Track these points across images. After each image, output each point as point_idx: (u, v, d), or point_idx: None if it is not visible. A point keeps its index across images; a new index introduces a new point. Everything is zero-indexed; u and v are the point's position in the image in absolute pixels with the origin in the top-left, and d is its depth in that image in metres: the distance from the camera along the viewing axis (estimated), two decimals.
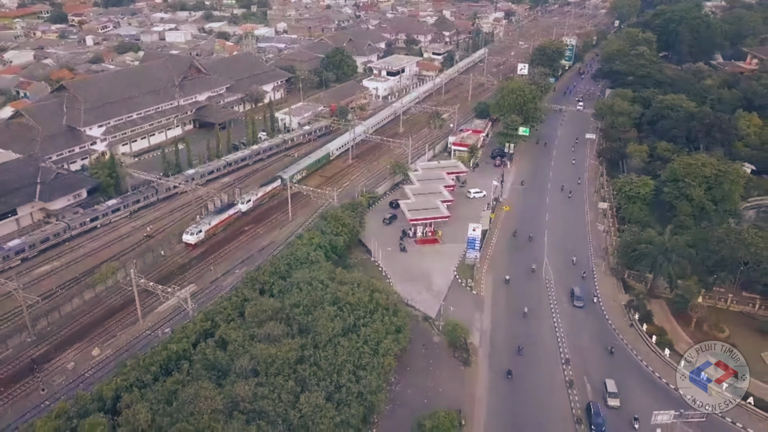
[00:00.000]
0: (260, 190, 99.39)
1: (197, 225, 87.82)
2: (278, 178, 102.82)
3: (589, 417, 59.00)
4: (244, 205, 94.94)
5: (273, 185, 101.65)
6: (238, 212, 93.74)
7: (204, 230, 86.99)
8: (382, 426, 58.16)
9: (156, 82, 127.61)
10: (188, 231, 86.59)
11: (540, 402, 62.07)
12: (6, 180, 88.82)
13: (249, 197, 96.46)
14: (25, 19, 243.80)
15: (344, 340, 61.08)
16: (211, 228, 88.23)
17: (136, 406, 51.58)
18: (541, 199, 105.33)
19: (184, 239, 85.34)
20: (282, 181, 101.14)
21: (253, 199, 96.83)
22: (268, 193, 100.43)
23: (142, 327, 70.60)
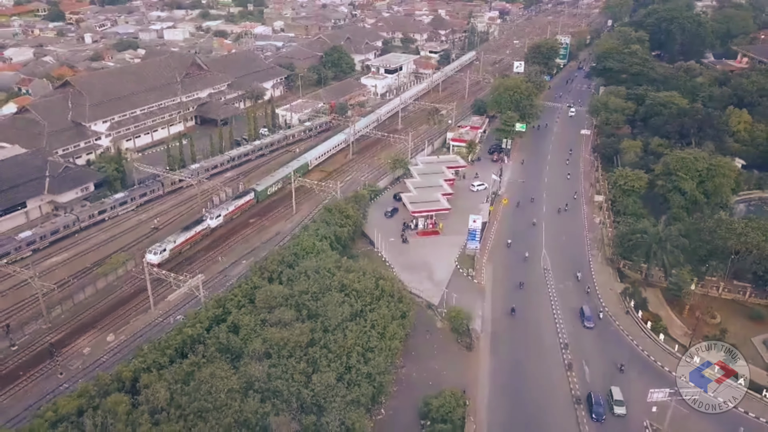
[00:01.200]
0: (232, 205, 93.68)
1: (161, 244, 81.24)
2: (251, 191, 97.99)
3: (589, 406, 60.97)
4: (214, 220, 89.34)
5: (245, 199, 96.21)
6: (206, 229, 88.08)
7: (169, 249, 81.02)
8: (390, 406, 60.49)
9: (158, 78, 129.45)
10: (151, 250, 79.95)
11: (540, 384, 64.58)
12: (15, 173, 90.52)
13: (219, 212, 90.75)
14: (23, 17, 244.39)
15: (352, 325, 63.36)
16: (177, 246, 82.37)
17: (155, 386, 53.63)
18: (538, 193, 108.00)
19: (147, 259, 77.37)
20: (255, 195, 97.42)
21: (224, 214, 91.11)
22: (240, 208, 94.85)
23: (154, 314, 72.69)
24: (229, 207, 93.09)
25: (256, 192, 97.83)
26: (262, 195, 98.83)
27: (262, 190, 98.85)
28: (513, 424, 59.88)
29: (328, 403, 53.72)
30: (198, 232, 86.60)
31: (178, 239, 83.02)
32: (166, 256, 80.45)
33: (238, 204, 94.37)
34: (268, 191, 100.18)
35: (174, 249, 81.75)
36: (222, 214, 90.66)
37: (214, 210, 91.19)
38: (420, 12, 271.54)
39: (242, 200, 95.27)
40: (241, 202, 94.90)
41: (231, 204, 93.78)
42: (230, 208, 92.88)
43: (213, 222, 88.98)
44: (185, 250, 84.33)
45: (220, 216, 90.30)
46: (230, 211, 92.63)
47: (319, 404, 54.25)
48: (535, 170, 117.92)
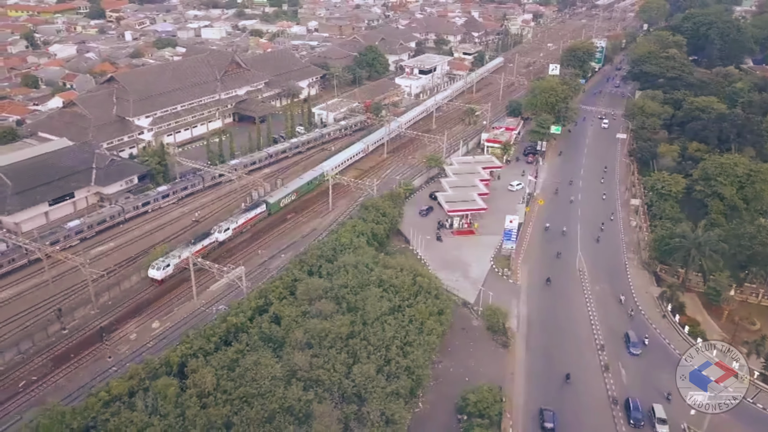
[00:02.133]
0: (241, 217, 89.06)
1: (165, 258, 77.46)
2: (262, 203, 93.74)
3: (627, 412, 60.99)
4: (222, 234, 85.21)
5: (256, 212, 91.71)
6: (214, 242, 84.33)
7: (173, 264, 77.20)
8: (427, 399, 61.54)
9: (199, 76, 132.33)
10: (155, 265, 76.30)
11: (576, 383, 64.91)
12: (66, 165, 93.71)
13: (228, 225, 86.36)
14: (65, 14, 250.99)
15: (390, 319, 64.58)
16: (182, 261, 77.38)
17: (202, 371, 55.53)
18: (573, 194, 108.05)
19: (149, 274, 76.25)
20: (267, 207, 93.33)
21: (233, 227, 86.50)
22: (251, 221, 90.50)
23: (196, 304, 74.80)
24: (239, 220, 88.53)
25: (268, 204, 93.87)
26: (274, 207, 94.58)
27: (275, 203, 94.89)
28: None
29: (369, 394, 54.95)
30: (204, 247, 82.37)
31: (183, 254, 78.30)
32: (170, 271, 77.08)
33: (248, 217, 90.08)
34: (281, 203, 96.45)
35: (179, 264, 77.98)
36: (231, 228, 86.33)
37: (223, 223, 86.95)
38: (453, 14, 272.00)
39: (253, 213, 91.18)
40: (251, 215, 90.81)
41: (241, 217, 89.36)
42: (240, 221, 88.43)
43: (221, 236, 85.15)
44: None
45: (229, 230, 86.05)
46: (239, 224, 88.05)
47: (359, 394, 55.55)
48: (570, 173, 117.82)
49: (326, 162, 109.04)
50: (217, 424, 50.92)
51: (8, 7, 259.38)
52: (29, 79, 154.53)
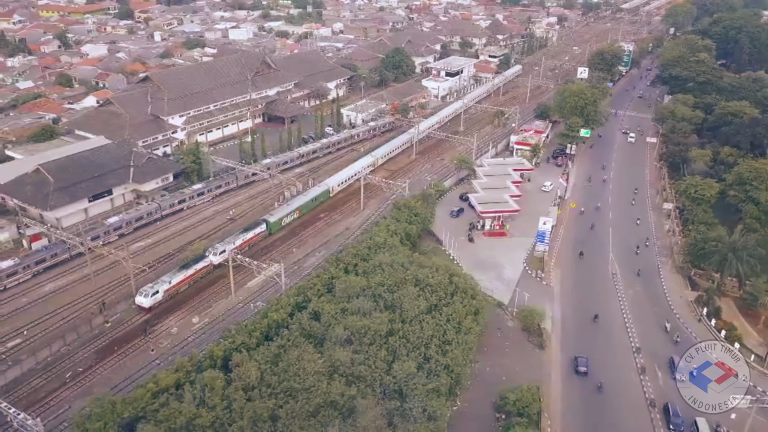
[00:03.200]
0: (239, 238, 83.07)
1: (153, 285, 72.35)
2: (262, 222, 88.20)
3: (667, 417, 60.85)
4: (217, 257, 79.03)
5: (255, 231, 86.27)
6: (208, 266, 79.03)
7: (162, 290, 72.24)
8: (465, 398, 62.12)
9: (231, 76, 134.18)
10: (142, 291, 71.60)
11: (613, 385, 64.98)
12: (104, 162, 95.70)
13: (224, 247, 79.32)
14: (95, 15, 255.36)
15: (428, 318, 65.24)
16: (172, 287, 73.51)
17: (247, 365, 56.59)
18: (603, 197, 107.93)
19: (137, 302, 71.70)
20: (267, 226, 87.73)
21: (230, 249, 78.27)
22: (249, 241, 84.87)
23: (234, 300, 76.10)
24: (236, 241, 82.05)
25: (269, 223, 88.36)
26: (274, 227, 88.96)
27: (275, 222, 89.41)
28: (587, 422, 60.64)
29: (410, 391, 55.63)
30: (198, 270, 77.45)
31: (174, 279, 73.90)
32: (159, 298, 71.95)
33: (246, 238, 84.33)
34: (283, 222, 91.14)
35: (169, 290, 73.07)
36: (228, 250, 78.45)
37: (219, 245, 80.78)
38: (477, 16, 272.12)
39: (251, 233, 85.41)
40: (249, 236, 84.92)
41: (238, 237, 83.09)
42: (237, 242, 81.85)
43: (216, 258, 79.09)
44: (183, 290, 75.99)
45: (225, 252, 78.34)
46: (236, 246, 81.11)
47: (400, 391, 56.26)
48: (599, 176, 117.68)
49: (331, 178, 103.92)
50: (263, 417, 51.82)
51: (39, 8, 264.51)
52: (63, 78, 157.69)
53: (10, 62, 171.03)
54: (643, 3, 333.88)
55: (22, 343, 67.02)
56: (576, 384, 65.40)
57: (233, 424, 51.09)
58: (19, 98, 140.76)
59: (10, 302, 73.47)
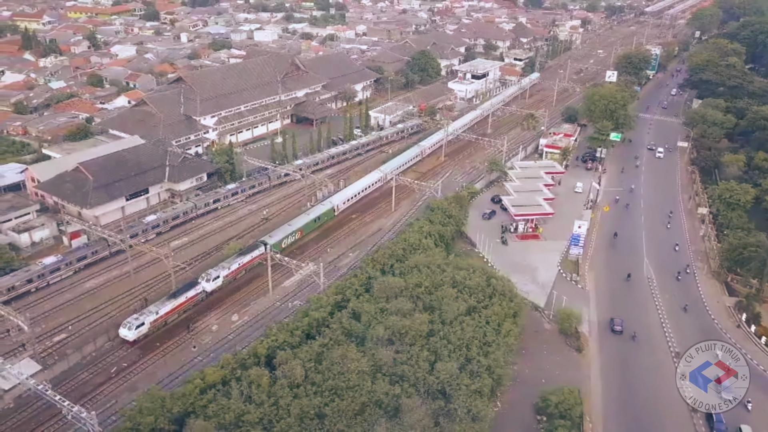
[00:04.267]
0: (234, 263, 77.17)
1: (139, 316, 66.89)
2: (261, 244, 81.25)
3: (710, 423, 60.48)
4: (210, 283, 73.89)
5: (253, 254, 79.62)
6: (200, 293, 73.35)
7: (149, 322, 66.88)
8: (505, 399, 62.23)
9: (261, 77, 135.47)
10: (126, 323, 65.92)
11: (653, 390, 64.68)
12: (141, 161, 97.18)
13: (218, 273, 74.82)
14: (122, 16, 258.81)
15: (468, 319, 65.50)
16: (160, 317, 68.23)
17: (291, 363, 57.27)
18: (635, 201, 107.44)
19: (120, 335, 66.29)
20: (266, 248, 79.95)
21: (224, 275, 75.22)
22: (246, 265, 79.03)
23: (272, 299, 76.87)
24: (232, 265, 76.77)
25: (267, 246, 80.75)
26: (274, 248, 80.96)
27: (275, 244, 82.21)
28: (628, 426, 60.47)
29: (454, 391, 55.92)
30: (189, 299, 71.77)
31: (162, 309, 68.57)
32: (145, 330, 66.59)
33: (243, 261, 78.34)
34: (283, 244, 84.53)
35: (156, 321, 67.97)
36: (221, 275, 74.92)
37: (212, 270, 75.11)
38: (500, 19, 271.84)
39: (248, 256, 79.27)
40: (246, 259, 78.90)
41: (234, 262, 77.42)
42: (232, 267, 76.79)
43: (210, 285, 73.94)
44: (173, 320, 70.48)
45: (219, 278, 74.64)
46: (232, 270, 76.61)
47: (443, 391, 56.57)
48: (630, 180, 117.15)
49: (335, 195, 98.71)
50: (309, 414, 52.45)
51: (67, 9, 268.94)
52: (94, 79, 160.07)
53: (42, 62, 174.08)
54: (667, 6, 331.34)
55: (68, 338, 68.27)
56: (615, 387, 65.21)
57: (281, 420, 51.72)
58: (53, 98, 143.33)
59: (54, 298, 74.88)
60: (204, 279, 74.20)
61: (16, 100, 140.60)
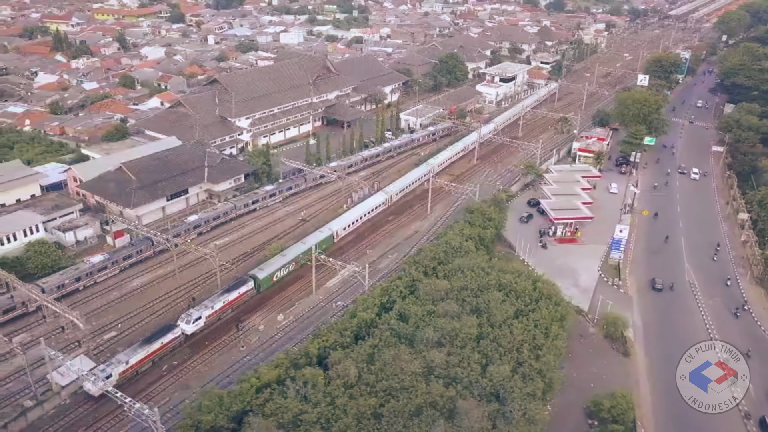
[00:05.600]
0: (218, 301, 70.62)
1: (106, 366, 59.63)
2: (250, 279, 75.03)
3: (763, 429, 60.06)
4: (191, 325, 66.75)
5: (240, 291, 72.97)
6: (178, 337, 65.64)
7: (117, 373, 59.51)
8: (554, 403, 62.14)
9: (294, 79, 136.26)
10: (91, 376, 58.50)
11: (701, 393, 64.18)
12: (181, 162, 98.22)
13: (200, 313, 67.99)
14: (148, 18, 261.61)
15: (516, 323, 65.48)
16: (129, 368, 61.01)
17: (344, 363, 57.62)
18: (672, 205, 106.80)
19: (84, 387, 58.80)
20: (255, 283, 74.88)
21: (207, 315, 68.62)
22: (233, 303, 72.36)
23: (315, 299, 77.38)
24: (216, 304, 70.09)
25: (257, 280, 75.04)
26: (264, 283, 75.75)
27: (266, 278, 75.95)
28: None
29: (508, 394, 55.92)
30: (165, 344, 64.75)
31: (132, 358, 61.26)
32: (114, 382, 59.12)
33: (229, 299, 71.67)
34: (274, 277, 77.66)
35: (126, 371, 60.76)
36: (204, 316, 68.27)
37: (194, 311, 68.36)
38: (523, 22, 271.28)
39: (236, 293, 72.53)
40: (233, 296, 72.20)
41: (218, 300, 70.72)
42: (216, 306, 70.14)
43: (190, 327, 66.87)
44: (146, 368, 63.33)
45: (201, 319, 67.89)
46: (215, 310, 70.01)
47: (497, 394, 56.61)
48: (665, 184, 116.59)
49: (333, 222, 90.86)
50: (366, 414, 52.75)
51: (95, 11, 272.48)
52: (126, 80, 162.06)
53: (74, 63, 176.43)
54: (692, 10, 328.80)
55: (118, 336, 69.19)
56: (664, 392, 64.78)
57: (338, 420, 52.05)
58: (87, 98, 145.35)
59: (102, 296, 75.89)
60: (184, 320, 67.00)
61: (51, 101, 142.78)
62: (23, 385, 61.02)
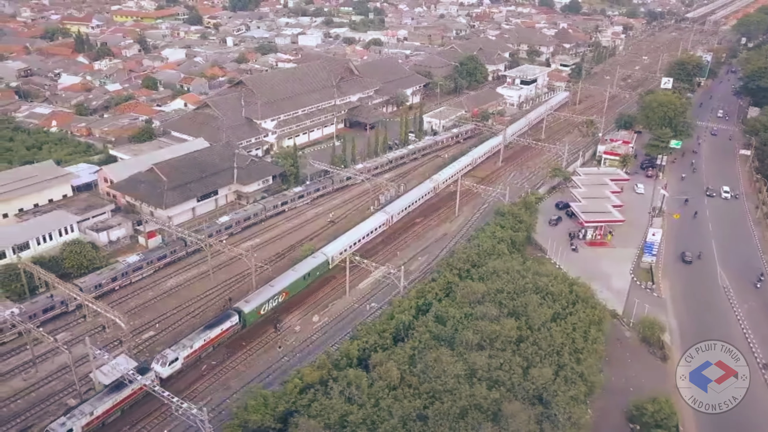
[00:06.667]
0: (198, 340, 63.92)
1: (67, 420, 53.21)
2: (235, 313, 68.39)
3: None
4: (166, 368, 60.22)
5: (223, 327, 66.42)
6: (151, 384, 55.78)
7: (79, 427, 53.54)
8: (594, 407, 61.81)
9: (318, 81, 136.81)
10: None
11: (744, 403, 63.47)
12: (211, 163, 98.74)
13: (177, 354, 61.42)
14: (166, 20, 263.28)
15: (554, 326, 65.25)
16: (95, 419, 54.90)
17: (387, 365, 57.69)
18: (700, 209, 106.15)
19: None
20: (240, 318, 68.36)
21: (185, 356, 62.15)
22: (215, 340, 65.91)
23: (349, 300, 77.55)
24: (195, 342, 63.37)
25: (243, 314, 68.58)
26: (250, 318, 69.44)
27: (251, 312, 69.52)
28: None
29: (551, 397, 55.78)
30: (135, 391, 57.75)
31: (98, 409, 55.11)
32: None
33: (210, 336, 65.09)
34: (261, 310, 71.08)
35: (90, 423, 54.61)
36: (181, 357, 61.67)
37: (170, 351, 61.44)
38: (540, 25, 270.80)
39: (218, 329, 66.02)
40: (215, 333, 65.59)
41: (198, 338, 64.10)
42: (196, 345, 63.47)
43: (165, 370, 60.19)
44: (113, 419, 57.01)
45: (178, 360, 61.33)
46: (195, 349, 63.41)
47: (539, 397, 56.47)
48: (692, 188, 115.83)
49: (328, 246, 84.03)
50: (411, 416, 52.76)
51: (113, 13, 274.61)
52: (149, 81, 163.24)
53: (97, 65, 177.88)
54: (709, 12, 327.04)
55: (156, 336, 69.64)
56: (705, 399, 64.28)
57: (384, 422, 52.07)
58: (111, 100, 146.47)
59: (138, 296, 76.46)
60: (158, 362, 60.44)
61: (76, 102, 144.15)
62: (65, 383, 61.69)
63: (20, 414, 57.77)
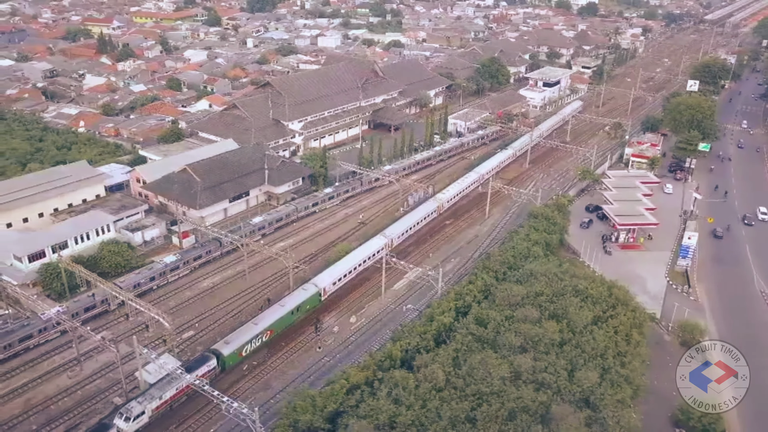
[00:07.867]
0: (168, 390, 56.48)
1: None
2: (212, 356, 61.61)
3: None
4: (131, 423, 53.09)
5: (199, 371, 58.79)
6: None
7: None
8: (640, 410, 61.31)
9: (343, 83, 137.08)
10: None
11: None
12: (243, 164, 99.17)
13: (143, 407, 54.32)
14: (186, 21, 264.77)
15: (596, 329, 65.00)
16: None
17: (432, 366, 57.65)
18: (731, 214, 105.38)
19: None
20: (219, 361, 61.65)
21: (153, 408, 55.27)
22: (186, 390, 57.69)
23: (384, 302, 77.61)
24: (165, 393, 56.37)
25: (221, 357, 61.97)
26: (230, 360, 62.76)
27: (232, 354, 62.87)
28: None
29: (598, 400, 55.54)
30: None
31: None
32: None
33: (181, 386, 57.13)
34: (243, 352, 64.37)
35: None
36: (148, 410, 54.69)
37: (135, 404, 54.26)
38: (558, 27, 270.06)
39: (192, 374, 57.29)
40: (185, 383, 56.59)
41: (168, 388, 56.61)
42: (167, 395, 56.48)
43: (129, 426, 53.08)
44: None
45: (144, 414, 54.37)
46: (165, 400, 56.48)
47: (586, 400, 56.23)
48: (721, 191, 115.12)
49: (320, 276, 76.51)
50: (460, 418, 52.69)
51: (132, 14, 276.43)
52: (173, 82, 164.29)
53: (120, 66, 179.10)
54: (727, 14, 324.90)
55: (196, 335, 70.01)
56: (752, 404, 63.83)
57: (433, 424, 52.02)
58: (137, 101, 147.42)
59: (176, 295, 76.92)
60: (123, 416, 53.24)
61: (102, 103, 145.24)
62: (110, 382, 62.17)
63: (70, 411, 58.26)
